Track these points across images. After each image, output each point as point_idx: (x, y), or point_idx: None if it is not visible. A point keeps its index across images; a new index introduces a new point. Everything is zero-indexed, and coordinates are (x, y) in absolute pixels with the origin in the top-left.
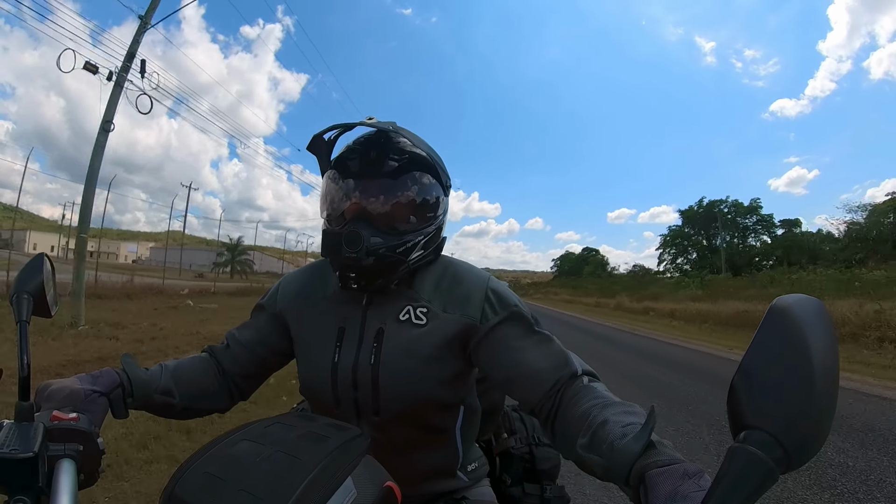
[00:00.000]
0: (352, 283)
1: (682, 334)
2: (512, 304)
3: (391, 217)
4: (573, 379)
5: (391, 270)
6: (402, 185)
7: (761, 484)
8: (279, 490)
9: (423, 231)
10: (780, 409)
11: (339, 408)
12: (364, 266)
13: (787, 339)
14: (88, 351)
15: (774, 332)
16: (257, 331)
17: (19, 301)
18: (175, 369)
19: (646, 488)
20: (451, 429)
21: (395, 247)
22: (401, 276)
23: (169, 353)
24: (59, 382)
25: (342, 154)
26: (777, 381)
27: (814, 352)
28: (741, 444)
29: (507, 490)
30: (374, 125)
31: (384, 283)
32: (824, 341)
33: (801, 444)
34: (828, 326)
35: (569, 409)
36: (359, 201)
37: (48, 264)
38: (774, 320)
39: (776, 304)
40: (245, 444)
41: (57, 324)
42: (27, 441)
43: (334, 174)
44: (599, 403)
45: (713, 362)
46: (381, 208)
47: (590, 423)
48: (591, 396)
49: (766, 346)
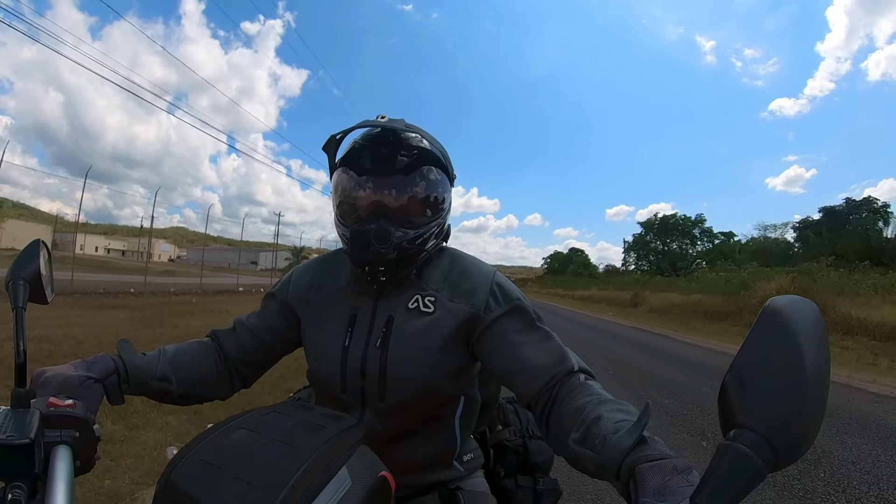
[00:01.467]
0: (380, 277)
1: (615, 316)
2: (515, 298)
3: (407, 211)
4: (569, 375)
5: (411, 261)
6: (414, 180)
7: (749, 482)
8: (274, 478)
9: (437, 222)
10: (771, 410)
11: (346, 394)
12: (389, 259)
13: (780, 341)
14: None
15: (767, 332)
16: (266, 318)
17: (15, 287)
18: (174, 355)
19: (635, 482)
20: (451, 419)
21: (414, 239)
22: (418, 265)
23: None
24: (54, 369)
25: (352, 151)
26: (768, 382)
27: (806, 354)
28: (731, 442)
29: (500, 482)
30: (389, 125)
31: (406, 274)
32: (816, 344)
33: (790, 444)
34: (820, 329)
35: (563, 404)
36: (375, 197)
37: (45, 251)
38: (767, 321)
39: (770, 305)
40: (241, 433)
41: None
42: (23, 427)
43: (346, 171)
44: (594, 400)
45: (616, 328)
46: (397, 203)
47: (583, 419)
48: (586, 393)
49: (758, 346)
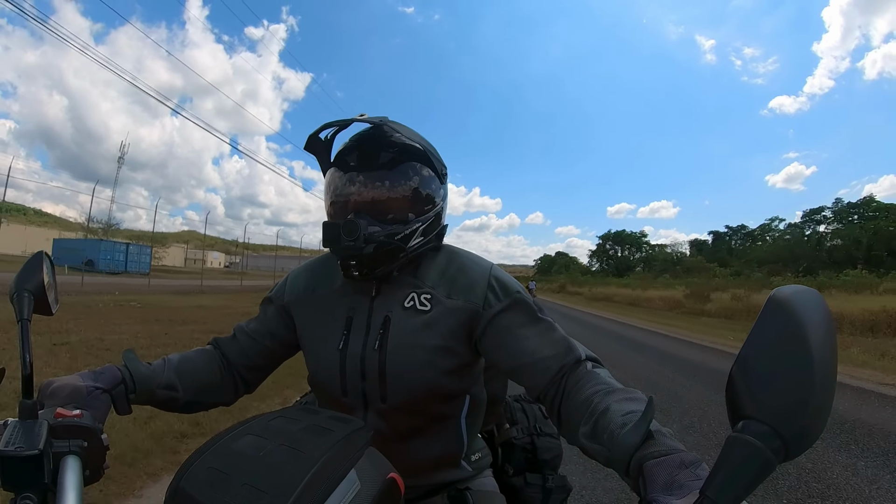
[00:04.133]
0: (353, 272)
1: (559, 299)
2: (514, 291)
3: (389, 207)
4: (577, 365)
5: (391, 258)
6: (397, 175)
7: (759, 473)
8: (283, 483)
9: (422, 218)
10: (779, 400)
11: (347, 396)
12: (364, 254)
13: (786, 330)
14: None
15: (773, 322)
16: (265, 322)
17: (20, 299)
18: (178, 363)
19: (644, 479)
20: (457, 418)
21: (392, 234)
22: (402, 263)
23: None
24: (61, 380)
25: (340, 151)
26: (775, 372)
27: (812, 343)
28: (739, 433)
29: (508, 480)
30: (367, 120)
31: (385, 271)
32: (823, 333)
33: (799, 434)
34: (826, 318)
35: (572, 395)
36: (358, 194)
37: (48, 261)
38: (773, 311)
39: (775, 294)
40: (249, 439)
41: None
42: (32, 439)
43: (335, 171)
44: (602, 390)
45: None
46: (379, 199)
47: (592, 411)
48: (595, 382)
49: (764, 336)
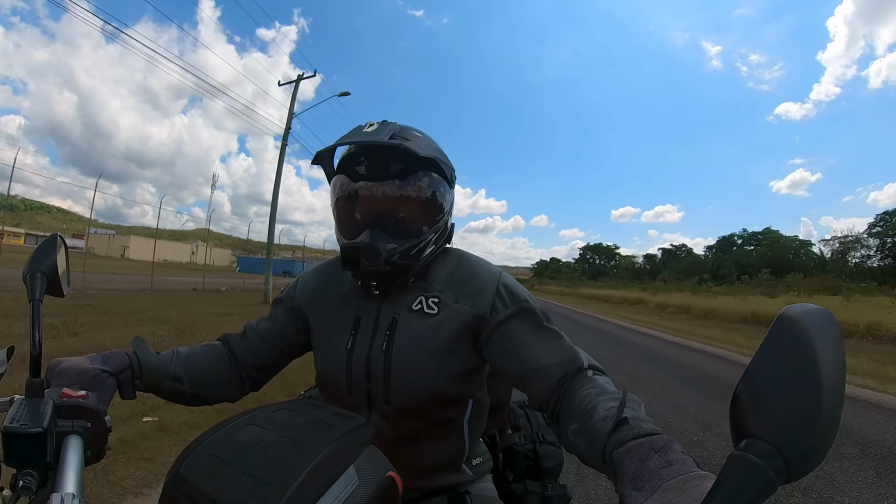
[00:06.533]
0: (374, 291)
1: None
2: (522, 300)
3: (402, 219)
4: (578, 372)
5: (407, 271)
6: (409, 185)
7: (760, 493)
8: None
9: (434, 228)
10: (784, 420)
11: (352, 396)
12: (382, 272)
13: (795, 349)
14: None
15: (782, 340)
16: (275, 322)
17: (33, 280)
18: (187, 356)
19: (616, 470)
20: (460, 422)
21: (408, 250)
22: (415, 272)
23: None
24: (69, 360)
25: (347, 158)
26: (782, 391)
27: (821, 363)
28: (742, 452)
29: (509, 486)
30: (378, 142)
31: (402, 283)
32: (832, 353)
33: (803, 455)
34: (837, 339)
35: (568, 399)
36: (369, 205)
37: (63, 246)
38: (783, 329)
39: (785, 312)
40: (251, 429)
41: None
42: (37, 416)
43: (343, 178)
44: (594, 392)
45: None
46: (392, 210)
47: (581, 411)
48: (589, 386)
49: (772, 354)
